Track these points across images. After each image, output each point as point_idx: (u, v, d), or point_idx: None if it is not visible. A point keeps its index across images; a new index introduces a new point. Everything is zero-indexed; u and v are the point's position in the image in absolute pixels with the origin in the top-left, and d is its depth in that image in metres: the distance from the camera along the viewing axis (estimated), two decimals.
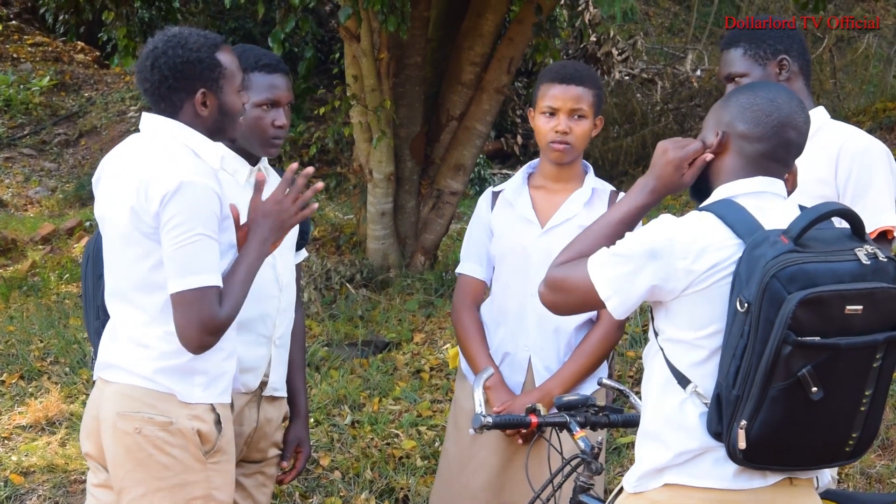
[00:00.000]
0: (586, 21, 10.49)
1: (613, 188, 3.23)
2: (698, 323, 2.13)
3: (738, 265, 2.07)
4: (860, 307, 2.03)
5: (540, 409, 2.75)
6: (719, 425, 2.09)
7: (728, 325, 2.08)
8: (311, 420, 4.93)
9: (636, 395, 2.84)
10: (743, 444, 2.04)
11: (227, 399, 2.63)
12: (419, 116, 7.08)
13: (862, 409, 2.09)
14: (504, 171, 10.50)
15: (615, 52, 11.49)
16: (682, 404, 2.16)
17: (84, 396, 5.28)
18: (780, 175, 2.25)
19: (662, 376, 2.21)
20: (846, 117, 8.36)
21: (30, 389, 5.44)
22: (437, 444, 4.74)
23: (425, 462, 4.64)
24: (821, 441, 2.11)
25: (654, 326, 2.26)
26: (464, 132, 7.06)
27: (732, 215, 2.14)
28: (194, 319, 2.43)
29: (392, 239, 7.05)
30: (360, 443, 4.79)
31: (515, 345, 3.13)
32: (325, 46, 11.37)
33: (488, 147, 10.61)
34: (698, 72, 11.68)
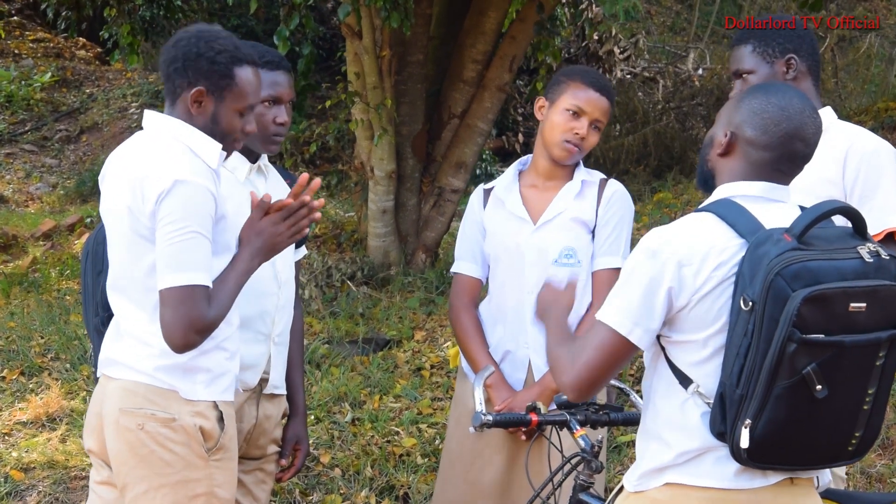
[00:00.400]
0: (588, 19, 10.47)
1: (604, 176, 3.22)
2: (702, 325, 2.12)
3: (741, 264, 2.07)
4: (864, 304, 2.02)
5: (540, 408, 2.74)
6: (723, 425, 2.08)
7: (732, 324, 2.08)
8: (312, 417, 4.93)
9: (637, 393, 2.84)
10: (747, 444, 2.04)
11: (231, 397, 2.63)
12: (421, 114, 7.07)
13: (865, 407, 2.09)
14: (506, 169, 10.49)
15: (617, 50, 11.48)
16: (684, 404, 2.15)
17: (84, 393, 5.27)
18: (785, 182, 2.23)
19: (664, 375, 2.20)
20: (848, 117, 8.34)
21: (30, 385, 5.44)
22: (437, 441, 4.73)
23: (426, 460, 4.64)
24: (824, 440, 2.10)
25: None
26: (465, 130, 7.06)
27: (733, 215, 2.13)
28: (181, 317, 2.40)
29: (393, 237, 7.04)
30: (361, 440, 4.79)
31: (515, 343, 3.13)
32: (328, 44, 11.36)
33: (489, 145, 10.60)
34: (700, 71, 11.66)
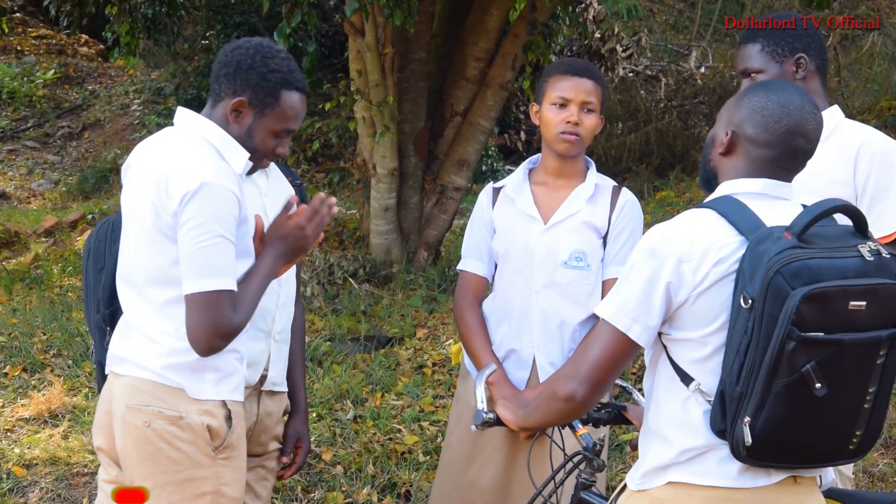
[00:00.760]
0: (590, 17, 10.48)
1: (616, 183, 3.21)
2: (702, 322, 2.12)
3: (741, 262, 2.07)
4: (864, 303, 2.02)
5: None
6: (723, 423, 2.08)
7: (731, 322, 2.08)
8: (314, 415, 4.93)
9: (639, 391, 2.84)
10: (750, 440, 2.03)
11: (240, 397, 2.63)
12: (423, 112, 7.07)
13: (866, 406, 2.09)
14: (508, 166, 10.50)
15: (619, 48, 11.48)
16: (686, 402, 2.15)
17: (87, 389, 5.28)
18: (788, 178, 2.24)
19: (665, 373, 2.20)
20: (851, 115, 8.31)
21: (33, 382, 5.45)
22: (439, 439, 4.74)
23: (427, 457, 4.64)
24: (825, 439, 2.10)
25: None
26: (467, 128, 7.05)
27: (734, 212, 2.13)
28: (208, 322, 2.42)
29: (395, 234, 7.04)
30: (363, 438, 4.79)
31: (520, 341, 3.12)
32: (330, 41, 11.36)
33: (492, 143, 10.60)
34: (702, 69, 11.66)
